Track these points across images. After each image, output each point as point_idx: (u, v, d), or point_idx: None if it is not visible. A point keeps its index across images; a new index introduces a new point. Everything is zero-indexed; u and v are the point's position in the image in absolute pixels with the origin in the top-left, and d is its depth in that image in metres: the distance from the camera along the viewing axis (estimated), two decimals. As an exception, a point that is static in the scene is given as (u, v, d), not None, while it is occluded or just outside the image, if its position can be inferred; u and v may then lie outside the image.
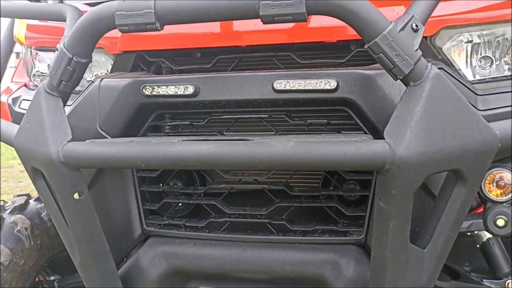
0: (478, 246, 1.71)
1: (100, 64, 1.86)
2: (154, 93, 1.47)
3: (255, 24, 1.51)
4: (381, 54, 1.10)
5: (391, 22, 1.12)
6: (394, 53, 1.09)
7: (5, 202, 2.33)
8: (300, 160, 1.12)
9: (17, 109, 1.91)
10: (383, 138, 1.36)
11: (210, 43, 1.58)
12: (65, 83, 1.33)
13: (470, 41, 1.56)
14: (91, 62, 1.36)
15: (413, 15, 1.16)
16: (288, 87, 1.37)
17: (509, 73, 1.57)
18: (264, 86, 1.39)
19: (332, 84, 1.34)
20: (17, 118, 1.90)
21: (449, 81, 1.13)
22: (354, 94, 1.35)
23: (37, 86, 2.14)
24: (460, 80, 1.42)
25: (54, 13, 1.61)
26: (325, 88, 1.34)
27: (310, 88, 1.35)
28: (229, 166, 1.20)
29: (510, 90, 1.44)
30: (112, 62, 1.80)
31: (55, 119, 1.33)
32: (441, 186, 1.22)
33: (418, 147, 1.08)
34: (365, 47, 1.13)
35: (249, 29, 1.54)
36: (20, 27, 2.05)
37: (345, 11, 1.10)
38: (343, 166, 1.12)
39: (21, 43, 2.15)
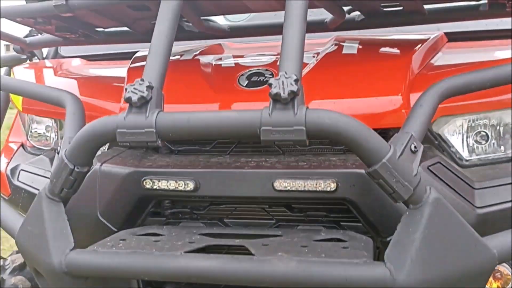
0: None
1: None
2: (155, 187, 1.48)
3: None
4: (381, 180, 1.12)
5: (391, 146, 1.13)
6: (394, 180, 1.11)
7: (4, 260, 2.34)
8: (301, 282, 1.13)
9: (16, 182, 1.91)
10: (381, 236, 1.40)
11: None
12: (67, 190, 1.34)
13: (467, 121, 1.59)
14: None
15: (411, 134, 1.18)
16: (288, 188, 1.38)
17: (504, 155, 1.59)
18: (264, 185, 1.40)
19: (332, 186, 1.35)
20: (16, 192, 1.90)
21: (448, 204, 1.14)
22: (353, 195, 1.37)
23: (34, 147, 2.14)
24: (459, 175, 1.44)
25: (53, 99, 1.61)
26: (324, 189, 1.36)
27: (310, 189, 1.37)
28: (231, 282, 1.21)
29: (506, 182, 1.46)
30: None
31: (56, 227, 1.33)
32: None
33: (418, 275, 1.09)
34: (365, 172, 1.14)
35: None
36: (18, 93, 2.05)
37: (345, 138, 1.11)
38: (344, 289, 1.14)
39: (17, 108, 2.15)
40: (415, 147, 1.16)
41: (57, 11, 1.52)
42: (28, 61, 2.55)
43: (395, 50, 1.73)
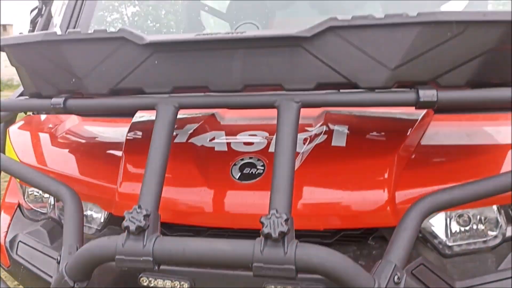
0: None
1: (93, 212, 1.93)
2: (151, 285, 1.55)
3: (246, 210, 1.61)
4: (365, 316, 1.19)
5: (375, 280, 1.20)
6: (378, 318, 1.18)
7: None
8: None
9: (14, 256, 1.96)
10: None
11: (201, 222, 1.65)
12: (67, 300, 1.40)
13: (450, 213, 1.66)
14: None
15: (395, 265, 1.24)
16: (279, 293, 1.46)
17: (485, 245, 1.66)
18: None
19: (320, 290, 1.44)
20: (15, 265, 1.96)
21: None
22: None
23: (31, 209, 2.19)
24: (441, 276, 1.51)
25: (51, 191, 1.66)
26: (313, 294, 1.44)
27: (300, 293, 1.45)
28: None
29: (486, 281, 1.53)
30: (106, 216, 1.88)
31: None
32: None
33: None
34: None
35: (241, 212, 1.61)
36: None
37: (332, 276, 1.18)
38: None
39: (15, 178, 2.19)
40: (398, 278, 1.23)
41: (54, 112, 1.56)
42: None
43: (383, 138, 1.78)
